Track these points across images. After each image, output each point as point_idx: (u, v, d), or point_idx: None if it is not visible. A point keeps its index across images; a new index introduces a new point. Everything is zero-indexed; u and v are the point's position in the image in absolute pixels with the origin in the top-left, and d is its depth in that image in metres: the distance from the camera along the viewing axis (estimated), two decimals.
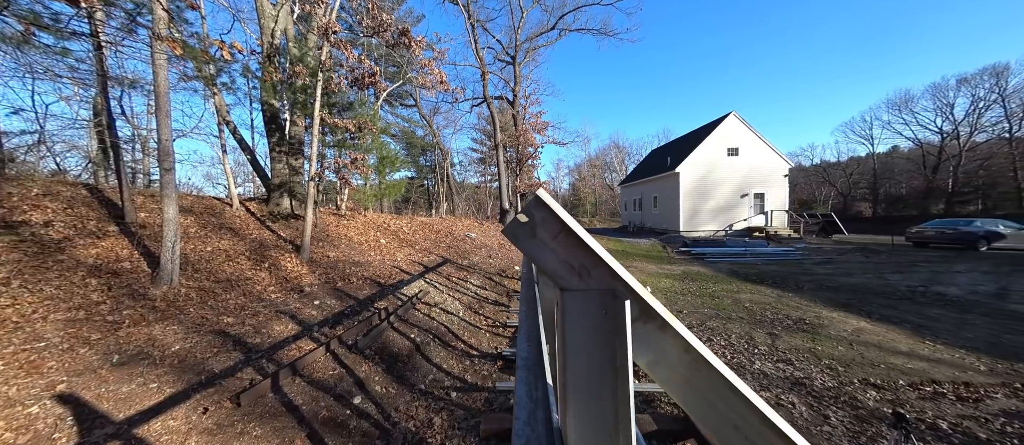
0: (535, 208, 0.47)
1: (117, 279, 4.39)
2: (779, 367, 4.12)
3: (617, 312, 0.47)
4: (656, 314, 0.48)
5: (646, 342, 0.49)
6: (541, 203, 0.47)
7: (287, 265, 6.06)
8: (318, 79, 6.02)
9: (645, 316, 0.48)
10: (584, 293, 0.47)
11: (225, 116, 8.14)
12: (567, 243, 0.48)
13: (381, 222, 10.77)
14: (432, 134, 22.05)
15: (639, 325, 0.48)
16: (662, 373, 0.49)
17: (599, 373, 0.48)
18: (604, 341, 0.48)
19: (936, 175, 29.99)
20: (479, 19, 18.40)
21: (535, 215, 0.47)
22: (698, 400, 0.48)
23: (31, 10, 3.94)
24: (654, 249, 15.36)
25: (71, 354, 3.18)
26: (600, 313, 0.47)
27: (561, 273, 0.48)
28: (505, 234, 0.49)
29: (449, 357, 4.26)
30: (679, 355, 0.48)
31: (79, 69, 6.03)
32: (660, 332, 0.48)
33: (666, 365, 0.49)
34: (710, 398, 0.47)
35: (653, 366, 0.50)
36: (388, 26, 5.81)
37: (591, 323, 0.48)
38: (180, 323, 3.92)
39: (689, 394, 0.49)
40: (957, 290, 7.31)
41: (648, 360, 0.50)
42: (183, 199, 7.23)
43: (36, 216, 4.98)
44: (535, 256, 0.49)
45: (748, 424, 0.45)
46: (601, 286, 0.47)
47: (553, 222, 0.47)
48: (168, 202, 4.42)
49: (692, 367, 0.47)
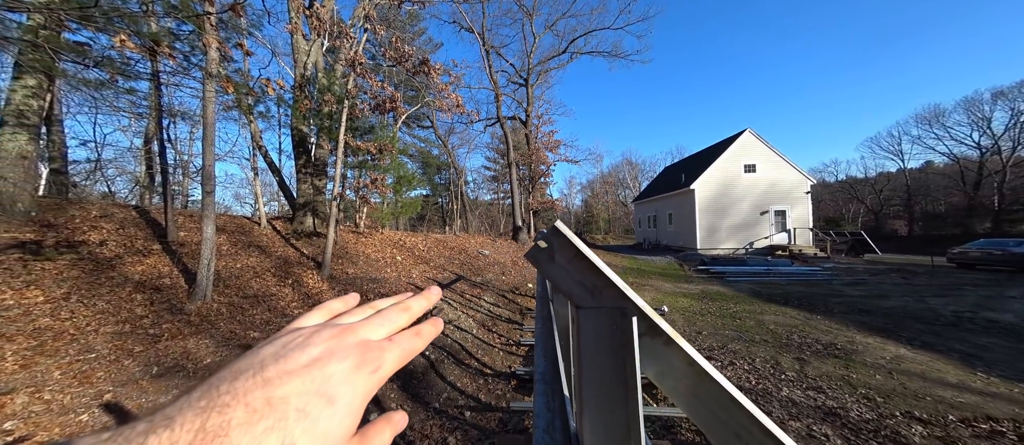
0: (553, 236, 0.57)
1: (158, 294, 4.72)
2: (809, 395, 3.88)
3: (626, 328, 0.55)
4: (661, 331, 0.55)
5: (653, 355, 0.56)
6: (558, 232, 0.56)
7: (309, 282, 6.32)
8: (344, 106, 6.50)
9: (652, 332, 0.56)
10: (597, 311, 0.56)
11: (258, 141, 8.81)
12: (581, 266, 0.56)
13: (397, 239, 11.08)
14: (447, 154, 22.82)
15: (646, 340, 0.56)
16: (669, 384, 0.56)
17: (611, 383, 0.55)
18: (615, 354, 0.55)
19: (978, 192, 28.14)
20: (493, 45, 19.38)
21: (553, 242, 0.57)
22: (702, 410, 0.54)
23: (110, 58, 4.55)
24: (670, 267, 14.94)
25: (117, 365, 3.42)
26: (611, 329, 0.55)
27: (577, 292, 0.57)
28: (527, 258, 0.58)
29: (463, 375, 4.26)
30: (683, 368, 0.55)
31: (138, 103, 6.77)
32: (665, 347, 0.55)
33: (672, 376, 0.55)
34: (713, 408, 0.53)
35: (661, 377, 0.56)
36: (409, 56, 6.28)
37: (603, 338, 0.56)
38: (211, 337, 4.15)
39: (694, 404, 0.55)
40: (1012, 317, 6.71)
41: (655, 372, 0.56)
42: (217, 219, 7.77)
43: (93, 236, 5.49)
44: (553, 277, 0.58)
45: (750, 434, 0.51)
46: (612, 304, 0.56)
47: (568, 248, 0.56)
48: (207, 222, 4.79)
49: (695, 379, 0.54)
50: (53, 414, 2.73)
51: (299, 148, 8.91)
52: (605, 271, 0.54)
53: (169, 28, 5.83)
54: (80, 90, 5.68)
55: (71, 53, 4.96)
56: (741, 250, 19.56)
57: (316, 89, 8.29)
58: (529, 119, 20.19)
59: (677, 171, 26.88)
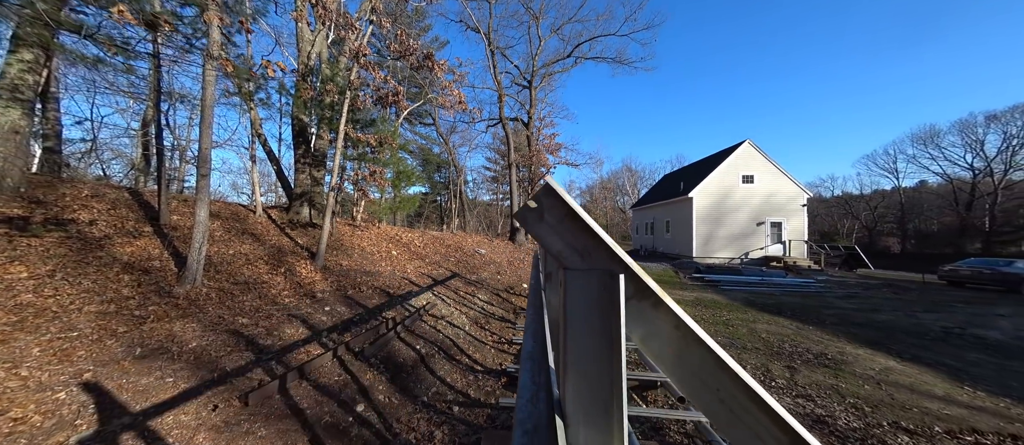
0: (544, 195, 0.55)
1: (147, 276, 4.64)
2: (798, 402, 3.89)
3: (614, 290, 0.53)
4: (650, 292, 0.53)
5: (640, 318, 0.54)
6: (550, 191, 0.55)
7: (302, 271, 6.25)
8: (346, 97, 6.47)
9: (640, 294, 0.54)
10: (585, 272, 0.54)
11: (258, 129, 8.74)
12: (572, 227, 0.55)
13: (393, 234, 11.02)
14: (448, 152, 22.79)
15: (634, 302, 0.54)
16: (654, 347, 0.54)
17: (597, 346, 0.54)
18: (602, 316, 0.53)
19: (970, 212, 28.55)
20: (499, 46, 19.44)
21: (544, 201, 0.55)
22: (687, 374, 0.53)
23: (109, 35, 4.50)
24: (666, 274, 14.98)
25: (99, 345, 3.35)
26: (599, 290, 0.54)
27: (565, 253, 0.55)
28: (515, 217, 0.56)
29: (453, 371, 4.22)
30: (670, 331, 0.53)
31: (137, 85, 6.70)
32: (653, 309, 0.54)
33: (658, 340, 0.54)
34: (699, 373, 0.51)
35: (647, 340, 0.54)
36: (414, 50, 6.27)
37: (591, 299, 0.54)
38: (199, 321, 4.08)
39: (679, 368, 0.53)
40: (999, 334, 6.78)
41: (642, 334, 0.55)
42: (211, 205, 7.67)
43: (83, 215, 5.40)
44: (542, 238, 0.56)
45: (734, 398, 0.49)
46: (600, 266, 0.54)
47: (559, 208, 0.55)
48: (201, 205, 4.73)
49: (682, 342, 0.52)
50: (29, 390, 2.66)
51: (298, 138, 8.85)
52: (597, 231, 0.52)
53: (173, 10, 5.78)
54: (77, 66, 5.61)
55: (70, 28, 4.91)
56: (736, 260, 19.66)
57: (319, 80, 8.26)
58: (531, 121, 20.24)
59: (676, 179, 27.03)
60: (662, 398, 3.79)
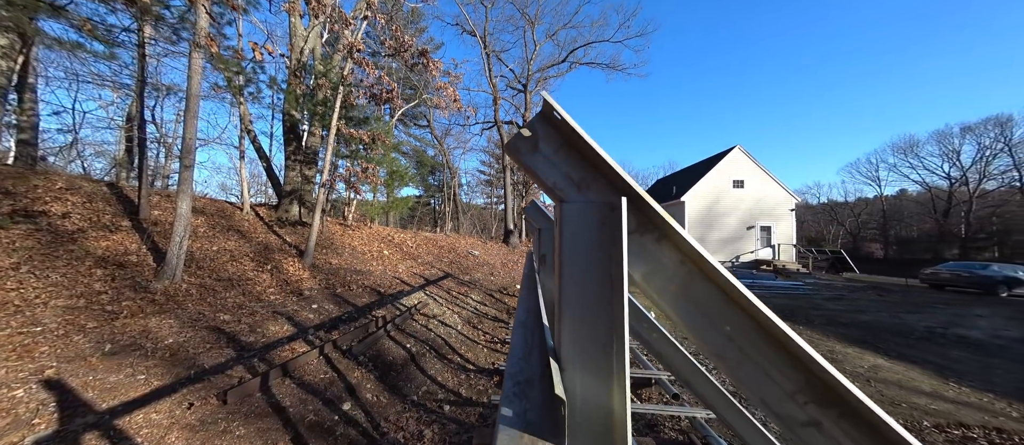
0: (539, 122, 0.50)
1: (122, 271, 4.43)
2: None
3: (614, 224, 0.48)
4: (653, 226, 0.49)
5: (642, 254, 0.50)
6: (546, 117, 0.50)
7: (289, 269, 6.07)
8: (339, 92, 6.36)
9: (642, 228, 0.49)
10: (583, 205, 0.49)
11: (247, 125, 8.55)
12: (568, 158, 0.50)
13: (385, 234, 10.84)
14: (442, 154, 22.70)
15: (635, 237, 0.49)
16: (656, 284, 0.49)
17: (596, 285, 0.48)
18: (600, 252, 0.48)
19: (947, 219, 29.61)
20: (494, 50, 19.56)
21: (538, 129, 0.50)
22: (691, 311, 0.48)
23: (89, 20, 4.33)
24: None
25: (65, 340, 3.15)
26: (597, 225, 0.49)
27: (561, 186, 0.50)
28: (506, 149, 0.51)
29: (444, 369, 4.11)
30: (674, 267, 0.48)
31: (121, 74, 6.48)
32: (656, 244, 0.49)
33: (661, 276, 0.49)
34: (704, 308, 0.47)
35: (648, 277, 0.50)
36: (408, 47, 6.22)
37: (588, 234, 0.49)
38: (177, 317, 3.90)
39: (683, 305, 0.48)
40: (979, 333, 6.96)
41: (643, 272, 0.50)
42: (197, 201, 7.43)
43: (56, 208, 5.15)
44: (536, 169, 0.51)
45: (743, 335, 0.45)
46: (599, 199, 0.49)
47: (555, 137, 0.50)
48: (183, 197, 4.56)
49: (687, 279, 0.48)
50: None
51: (290, 134, 8.67)
52: (599, 154, 0.47)
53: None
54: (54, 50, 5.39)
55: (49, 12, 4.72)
56: (727, 263, 19.93)
57: (312, 77, 8.13)
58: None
59: (668, 183, 27.41)
60: (657, 395, 3.75)
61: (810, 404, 0.44)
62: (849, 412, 0.42)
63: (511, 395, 0.50)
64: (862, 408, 0.41)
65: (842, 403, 0.42)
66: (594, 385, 0.47)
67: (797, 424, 0.45)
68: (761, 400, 0.46)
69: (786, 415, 0.45)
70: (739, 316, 0.45)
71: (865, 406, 0.40)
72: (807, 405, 0.44)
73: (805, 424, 0.44)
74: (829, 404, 0.43)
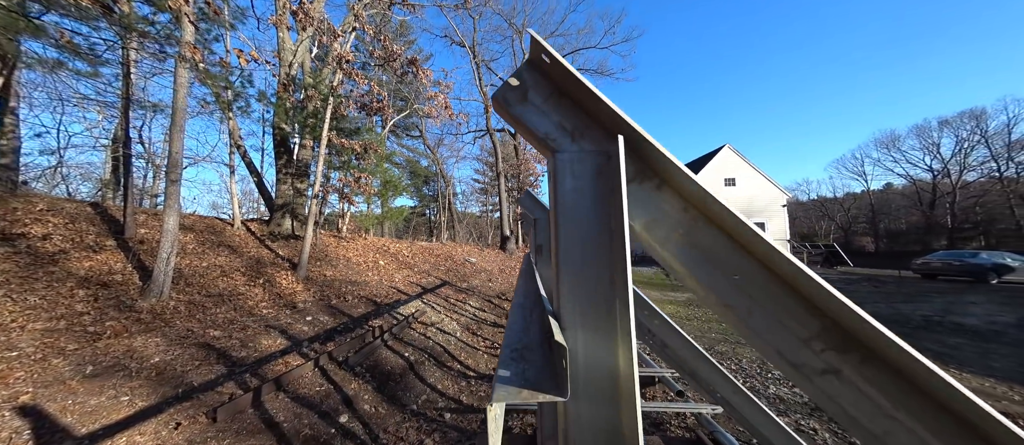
0: (527, 71, 0.48)
1: (105, 291, 4.28)
2: (796, 392, 3.86)
3: (611, 173, 0.46)
4: (652, 174, 0.46)
5: (642, 202, 0.47)
6: (535, 64, 0.47)
7: (282, 282, 5.93)
8: (329, 103, 6.35)
9: (640, 176, 0.47)
10: (577, 154, 0.47)
11: (237, 140, 8.47)
12: (560, 105, 0.48)
13: (381, 244, 10.72)
14: (436, 163, 22.73)
15: (634, 186, 0.47)
16: (659, 234, 0.47)
17: (594, 239, 0.46)
18: (598, 203, 0.46)
19: (933, 211, 30.31)
20: (483, 59, 19.85)
21: (527, 78, 0.48)
22: (698, 259, 0.45)
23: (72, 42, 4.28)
24: (657, 277, 15.08)
25: (42, 364, 3.01)
26: (593, 175, 0.46)
27: (553, 136, 0.48)
28: (494, 100, 0.49)
29: (444, 377, 4.00)
30: (677, 214, 0.46)
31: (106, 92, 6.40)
32: (656, 192, 0.47)
33: (663, 226, 0.46)
34: (710, 255, 0.44)
35: (650, 227, 0.47)
36: (398, 55, 6.26)
37: (584, 186, 0.46)
38: (164, 335, 3.75)
39: (688, 254, 0.46)
40: (975, 320, 7.03)
41: (644, 222, 0.47)
42: (186, 218, 7.28)
43: (36, 229, 4.99)
44: (525, 121, 0.48)
45: (754, 282, 0.42)
46: (594, 147, 0.47)
47: (545, 85, 0.48)
48: (170, 213, 4.45)
49: (691, 226, 0.45)
50: None
51: (280, 148, 8.60)
52: (594, 92, 0.45)
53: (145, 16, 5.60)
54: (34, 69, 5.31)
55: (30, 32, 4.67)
56: None
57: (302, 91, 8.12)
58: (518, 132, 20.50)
59: None
60: (661, 394, 3.68)
61: (828, 351, 0.41)
62: (871, 356, 0.39)
63: (508, 360, 0.47)
64: (888, 350, 0.38)
65: (863, 347, 0.40)
66: (597, 343, 0.44)
67: (814, 373, 0.42)
68: (776, 351, 0.43)
69: (801, 364, 0.42)
70: (748, 261, 0.42)
71: (892, 347, 0.37)
72: (824, 352, 0.41)
73: (823, 372, 0.42)
74: (848, 348, 0.40)
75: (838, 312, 0.39)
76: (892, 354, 0.38)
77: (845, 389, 0.41)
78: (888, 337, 0.37)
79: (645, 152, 0.45)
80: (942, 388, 0.36)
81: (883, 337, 0.37)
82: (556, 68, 0.45)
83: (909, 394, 0.38)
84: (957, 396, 0.33)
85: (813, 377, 0.42)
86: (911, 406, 0.38)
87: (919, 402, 0.38)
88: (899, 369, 0.38)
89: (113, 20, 4.89)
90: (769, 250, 0.40)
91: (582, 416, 0.42)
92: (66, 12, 4.84)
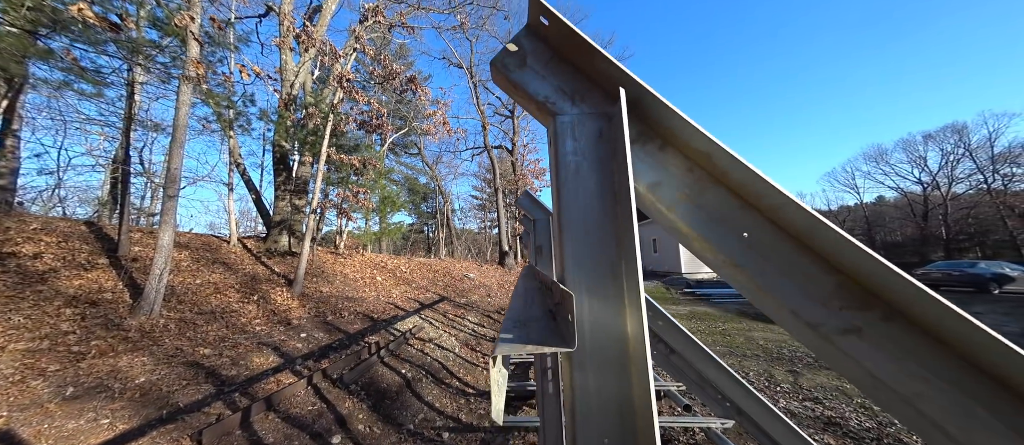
0: (526, 37, 0.48)
1: (93, 309, 4.16)
2: (807, 406, 3.74)
3: (614, 134, 0.45)
4: (654, 134, 0.46)
5: (646, 163, 0.46)
6: (533, 31, 0.48)
7: (277, 298, 5.81)
8: (329, 120, 6.46)
9: (643, 137, 0.46)
10: (578, 116, 0.46)
11: (237, 158, 8.54)
12: (559, 69, 0.48)
13: (378, 261, 10.60)
14: (434, 180, 22.92)
15: (637, 147, 0.46)
16: (664, 195, 0.45)
17: (598, 202, 0.44)
18: (600, 166, 0.45)
19: (927, 223, 30.58)
20: (481, 80, 20.44)
21: (525, 44, 0.48)
22: (704, 219, 0.43)
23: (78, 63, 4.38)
24: (657, 291, 14.92)
25: (20, 386, 2.87)
26: (595, 137, 0.46)
27: (553, 99, 0.47)
28: (492, 66, 0.49)
29: (442, 395, 3.85)
30: (681, 174, 0.45)
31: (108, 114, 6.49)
32: (660, 153, 0.46)
33: (668, 186, 0.45)
34: (717, 215, 0.43)
35: (654, 188, 0.46)
36: (397, 74, 6.44)
37: (586, 147, 0.46)
38: (151, 354, 3.62)
39: (694, 214, 0.44)
40: None
41: (648, 183, 0.46)
42: (182, 236, 7.21)
43: (27, 248, 4.91)
44: (524, 85, 0.48)
45: (760, 237, 0.40)
46: (595, 109, 0.46)
47: (545, 50, 0.48)
48: (165, 228, 4.41)
49: (696, 185, 0.44)
50: None
51: (280, 165, 8.67)
52: (595, 48, 0.44)
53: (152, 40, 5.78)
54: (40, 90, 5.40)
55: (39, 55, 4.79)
56: None
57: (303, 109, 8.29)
58: (515, 148, 20.85)
59: None
60: (667, 409, 3.55)
61: (846, 309, 0.39)
62: (895, 312, 0.37)
63: (511, 327, 0.44)
64: (915, 304, 0.35)
65: (883, 303, 0.38)
66: (604, 309, 0.42)
67: (835, 333, 0.40)
68: (790, 311, 0.41)
69: (819, 324, 0.40)
70: (756, 218, 0.41)
71: (921, 299, 0.34)
72: (843, 310, 0.39)
73: (844, 332, 0.39)
74: (867, 304, 0.38)
75: (856, 265, 0.38)
76: (921, 308, 0.35)
77: (871, 350, 0.38)
78: (916, 288, 0.35)
79: (647, 112, 0.45)
80: (984, 344, 0.33)
81: (911, 288, 0.35)
82: (555, 30, 0.45)
83: (942, 352, 0.35)
84: (1002, 351, 0.31)
85: (836, 338, 0.39)
86: (946, 365, 0.35)
87: (954, 361, 0.35)
88: (928, 325, 0.36)
89: (121, 42, 5.03)
90: (780, 203, 0.39)
91: (590, 387, 0.39)
92: (75, 36, 4.99)
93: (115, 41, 5.03)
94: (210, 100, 5.83)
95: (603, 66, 0.44)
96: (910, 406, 0.37)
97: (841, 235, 0.37)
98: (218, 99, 6.30)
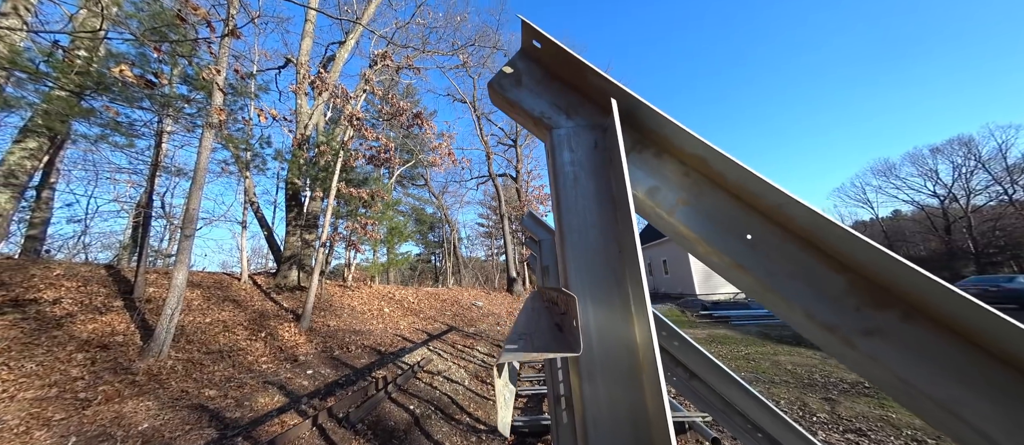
0: (520, 60, 0.52)
1: (104, 353, 4.17)
2: (850, 439, 3.39)
3: (609, 144, 0.47)
4: (649, 142, 0.47)
5: (643, 171, 0.47)
6: (527, 54, 0.51)
7: (284, 334, 5.75)
8: (339, 156, 6.76)
9: (639, 146, 0.47)
10: (574, 129, 0.48)
11: (252, 197, 8.89)
12: (551, 88, 0.50)
13: (386, 292, 10.53)
14: (440, 209, 23.29)
15: (633, 155, 0.47)
16: (663, 201, 0.45)
17: (598, 210, 0.45)
18: (597, 175, 0.46)
19: (951, 236, 29.30)
20: (484, 112, 21.39)
21: (520, 66, 0.52)
22: (705, 222, 0.43)
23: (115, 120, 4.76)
24: (672, 314, 14.33)
25: (24, 437, 2.82)
26: (591, 147, 0.47)
27: (548, 114, 0.50)
28: (490, 87, 0.52)
29: (453, 432, 3.63)
30: (679, 180, 0.45)
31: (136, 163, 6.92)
32: (656, 159, 0.47)
33: (667, 191, 0.45)
34: (718, 218, 0.42)
35: (653, 194, 0.46)
36: (404, 111, 6.81)
37: (582, 157, 0.47)
38: (156, 398, 3.55)
39: (693, 216, 0.44)
40: None
41: (647, 189, 0.46)
42: (194, 275, 7.34)
43: (47, 294, 5.05)
44: (520, 103, 0.51)
45: (765, 238, 0.40)
46: (590, 121, 0.48)
47: (538, 70, 0.51)
48: (180, 268, 4.51)
49: (694, 190, 0.44)
50: None
51: (292, 201, 8.97)
52: (587, 66, 0.47)
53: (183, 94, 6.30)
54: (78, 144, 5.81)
55: (81, 114, 5.23)
56: (741, 294, 19.11)
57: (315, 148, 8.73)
58: (519, 175, 21.29)
59: None
60: (693, 443, 3.27)
61: (864, 308, 0.38)
62: (915, 311, 0.36)
63: (515, 339, 0.43)
64: (936, 302, 0.33)
65: (900, 300, 0.36)
66: (609, 317, 0.41)
67: (858, 334, 0.37)
68: (804, 313, 0.39)
69: (838, 326, 0.38)
70: (758, 218, 0.41)
71: (944, 297, 0.32)
72: (860, 310, 0.38)
73: (867, 333, 0.37)
74: (883, 303, 0.37)
75: (866, 262, 0.37)
76: (943, 306, 0.33)
77: (896, 352, 0.36)
78: (933, 282, 0.33)
79: (641, 121, 0.47)
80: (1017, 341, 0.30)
81: (927, 283, 0.33)
82: (547, 51, 0.48)
83: (977, 355, 0.33)
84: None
85: (860, 340, 0.37)
86: (982, 369, 0.33)
87: (993, 363, 0.32)
88: (954, 324, 0.34)
89: (155, 97, 5.48)
90: (780, 201, 0.39)
91: (600, 399, 0.37)
92: (114, 95, 5.47)
93: (149, 97, 5.50)
94: (230, 144, 6.20)
95: (595, 80, 0.46)
96: (950, 413, 0.34)
97: (847, 231, 0.36)
98: (237, 143, 6.70)
